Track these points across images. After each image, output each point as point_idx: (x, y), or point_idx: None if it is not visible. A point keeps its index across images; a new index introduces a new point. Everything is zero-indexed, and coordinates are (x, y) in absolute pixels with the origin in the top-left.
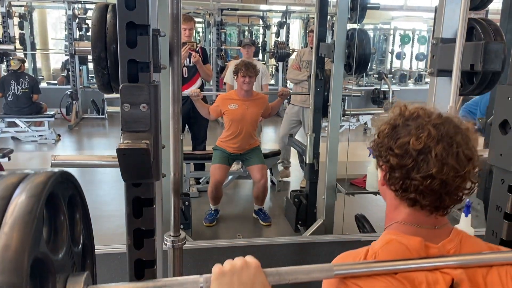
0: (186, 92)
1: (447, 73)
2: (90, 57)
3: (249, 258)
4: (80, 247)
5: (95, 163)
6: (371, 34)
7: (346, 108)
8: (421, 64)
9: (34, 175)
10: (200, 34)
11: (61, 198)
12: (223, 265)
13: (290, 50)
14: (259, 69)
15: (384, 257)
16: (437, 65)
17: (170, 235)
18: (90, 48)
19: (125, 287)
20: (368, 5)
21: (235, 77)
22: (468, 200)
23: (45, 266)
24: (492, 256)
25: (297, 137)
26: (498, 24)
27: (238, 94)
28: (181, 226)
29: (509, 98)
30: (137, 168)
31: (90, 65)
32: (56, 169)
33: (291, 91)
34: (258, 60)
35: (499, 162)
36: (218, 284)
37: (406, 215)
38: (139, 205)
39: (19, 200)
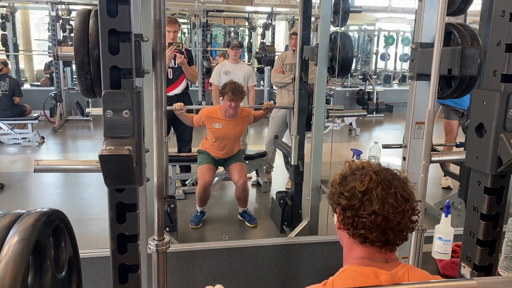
0: (172, 93)
1: (426, 77)
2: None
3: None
4: (64, 272)
5: (79, 168)
6: (355, 35)
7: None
8: (405, 65)
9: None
10: (186, 35)
11: (47, 244)
12: None
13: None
14: (245, 70)
15: (341, 283)
16: (417, 69)
17: (154, 239)
18: (73, 53)
19: None
20: (351, 9)
21: (221, 98)
22: (448, 200)
23: None
24: (439, 284)
25: (283, 139)
26: (478, 27)
27: (223, 114)
28: (167, 229)
29: (484, 102)
30: (120, 173)
31: (74, 66)
32: (45, 209)
33: (274, 103)
34: (243, 61)
35: (476, 164)
36: None
37: (360, 252)
38: (123, 210)
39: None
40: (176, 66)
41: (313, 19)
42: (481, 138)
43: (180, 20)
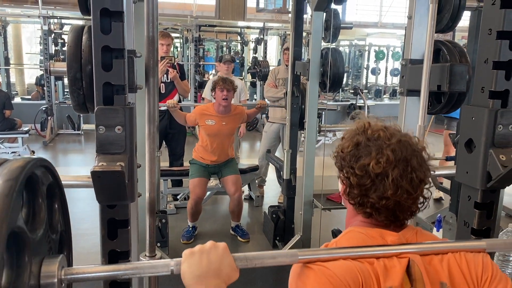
0: (163, 108)
1: (416, 93)
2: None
3: (218, 243)
4: (57, 235)
5: (70, 184)
6: (346, 50)
7: (323, 123)
8: (396, 80)
9: (13, 160)
10: (178, 49)
11: (40, 182)
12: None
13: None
14: (237, 85)
15: (344, 244)
16: (407, 85)
17: (145, 255)
18: (65, 69)
19: (99, 270)
20: (342, 25)
21: (213, 93)
22: (439, 215)
23: (21, 241)
24: (448, 244)
25: (275, 153)
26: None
27: (216, 110)
28: (158, 244)
29: (473, 118)
30: (112, 190)
31: (66, 80)
32: (34, 156)
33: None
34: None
35: (466, 180)
36: (188, 265)
37: (365, 223)
38: (114, 227)
39: None
40: (169, 81)
41: (304, 34)
42: (470, 153)
43: (173, 35)
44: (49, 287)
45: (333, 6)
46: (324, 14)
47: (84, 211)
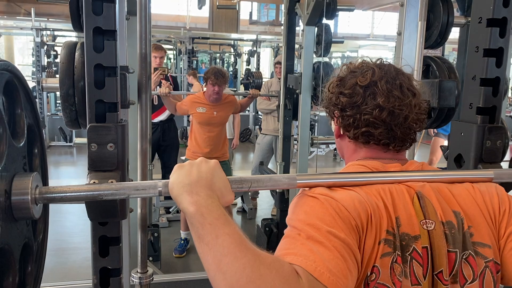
0: (157, 120)
1: None
2: None
3: (210, 160)
4: (24, 141)
5: None
6: (339, 62)
7: (316, 134)
8: None
9: None
10: (172, 61)
11: None
12: None
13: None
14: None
15: None
16: None
17: (137, 271)
18: (58, 85)
19: (78, 189)
20: (333, 40)
21: (204, 84)
22: None
23: None
24: (455, 172)
25: (269, 165)
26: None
27: (207, 98)
28: (150, 258)
29: (462, 134)
30: (104, 207)
31: (59, 97)
32: None
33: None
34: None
35: None
36: (176, 175)
37: (365, 153)
38: (106, 244)
39: None
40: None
41: (297, 46)
42: (460, 168)
43: (166, 46)
44: (22, 206)
45: (324, 21)
46: (316, 28)
47: (76, 225)
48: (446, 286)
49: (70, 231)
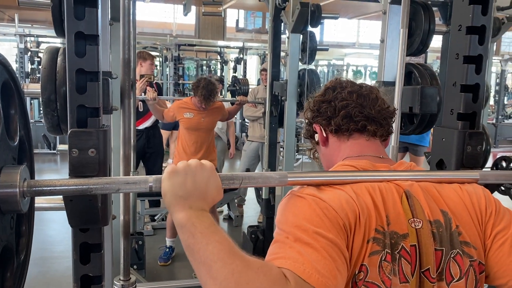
0: (142, 126)
1: None
2: None
3: (205, 161)
4: (16, 142)
5: (43, 206)
6: (325, 69)
7: (302, 142)
8: None
9: None
10: (158, 68)
11: None
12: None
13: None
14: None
15: None
16: None
17: (120, 279)
18: (39, 90)
19: (67, 183)
20: (318, 47)
21: (193, 93)
22: None
23: None
24: (442, 173)
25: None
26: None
27: (194, 104)
28: (134, 267)
29: (444, 139)
30: (85, 213)
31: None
32: None
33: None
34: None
35: None
36: (171, 184)
37: (350, 149)
38: (87, 251)
39: None
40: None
41: (283, 54)
42: None
43: (152, 53)
44: (9, 200)
45: (309, 28)
46: (301, 36)
47: (59, 233)
48: (433, 283)
49: (52, 240)
